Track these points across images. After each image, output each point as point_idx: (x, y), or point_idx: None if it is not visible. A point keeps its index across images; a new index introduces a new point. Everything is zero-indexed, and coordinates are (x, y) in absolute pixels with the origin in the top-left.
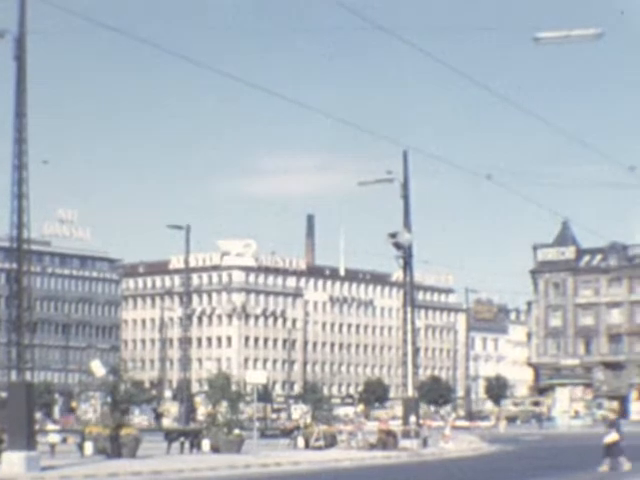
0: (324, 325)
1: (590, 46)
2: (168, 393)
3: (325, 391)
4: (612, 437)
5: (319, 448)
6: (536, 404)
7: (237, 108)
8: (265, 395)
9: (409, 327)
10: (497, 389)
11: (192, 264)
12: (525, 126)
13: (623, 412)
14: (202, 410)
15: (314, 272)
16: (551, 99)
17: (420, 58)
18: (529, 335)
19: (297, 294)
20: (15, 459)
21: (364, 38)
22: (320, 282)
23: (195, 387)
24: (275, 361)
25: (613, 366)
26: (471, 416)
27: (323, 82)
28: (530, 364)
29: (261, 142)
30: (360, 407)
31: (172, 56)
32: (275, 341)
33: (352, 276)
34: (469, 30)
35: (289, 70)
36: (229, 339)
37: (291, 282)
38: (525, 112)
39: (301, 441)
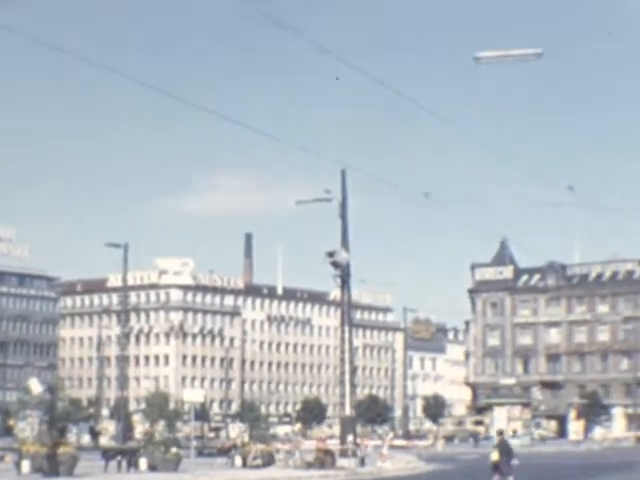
0: (262, 344)
1: (531, 66)
2: (105, 411)
3: (263, 410)
4: (494, 456)
5: (256, 467)
6: (478, 423)
7: (175, 126)
8: (202, 414)
9: (347, 346)
10: (435, 408)
11: (130, 282)
12: (464, 145)
13: (562, 431)
14: (140, 428)
15: (252, 291)
16: (491, 119)
17: (358, 77)
18: (467, 354)
19: (235, 313)
20: None
21: (302, 57)
22: (258, 301)
23: (133, 405)
24: (213, 380)
25: (551, 385)
26: (409, 435)
27: (262, 100)
28: (468, 383)
29: (199, 160)
30: (297, 426)
31: (108, 72)
32: (213, 360)
33: (290, 295)
34: (408, 50)
35: (228, 89)
36: (167, 357)
37: (229, 301)
38: (464, 132)
39: (238, 460)
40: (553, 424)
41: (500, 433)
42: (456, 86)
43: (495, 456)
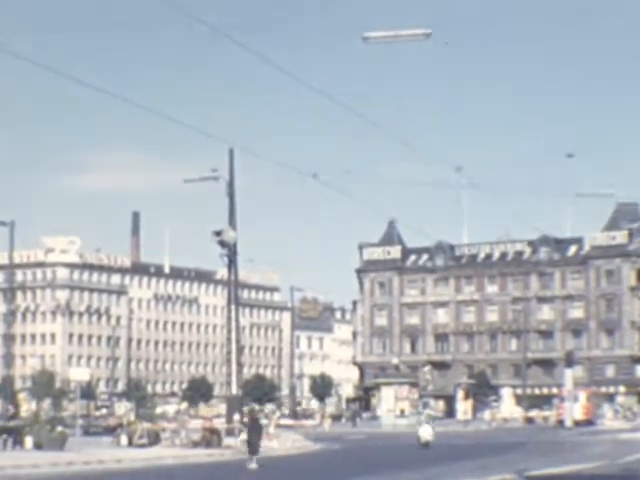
0: (149, 322)
1: (420, 46)
2: None
3: (149, 389)
4: (244, 436)
5: (142, 446)
6: (362, 402)
7: (62, 102)
8: (89, 392)
9: (233, 325)
10: (322, 388)
11: (16, 260)
12: (352, 125)
13: (450, 411)
14: (25, 407)
15: (139, 269)
16: (380, 99)
17: (246, 56)
18: (354, 334)
19: (122, 291)
20: None
21: (190, 34)
22: (145, 279)
23: (19, 384)
24: (99, 358)
25: (439, 365)
26: (296, 414)
27: (150, 78)
28: (355, 363)
29: (87, 138)
30: (184, 405)
31: None
32: (99, 338)
33: (177, 274)
34: (295, 28)
35: (115, 66)
36: (53, 336)
37: (116, 279)
38: (352, 111)
39: (124, 439)
40: (441, 404)
41: (251, 411)
42: (344, 65)
43: (245, 437)
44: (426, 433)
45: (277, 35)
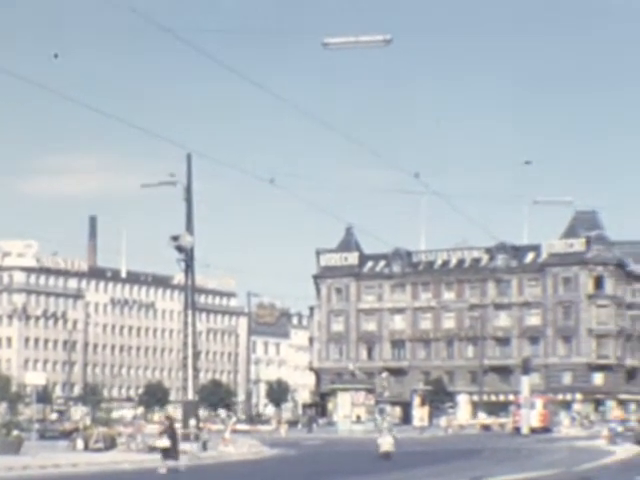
0: (105, 327)
1: (378, 52)
2: None
3: (105, 393)
4: (163, 443)
5: (98, 450)
6: (319, 407)
7: (19, 106)
8: (45, 396)
9: (190, 330)
10: (278, 393)
11: None
12: (310, 131)
13: (406, 418)
14: None
15: (96, 274)
16: (339, 105)
17: (204, 61)
18: (311, 340)
19: (78, 295)
20: None
21: (147, 38)
22: (102, 284)
23: None
24: (55, 362)
25: (396, 372)
26: (252, 420)
27: (105, 82)
28: (312, 369)
29: (45, 142)
30: (140, 409)
31: None
32: (56, 342)
33: (134, 278)
34: (254, 33)
35: (68, 68)
36: (9, 340)
37: (72, 283)
38: (311, 117)
39: (80, 443)
40: (397, 410)
41: (168, 417)
42: (304, 71)
43: (163, 443)
44: (386, 443)
45: (236, 40)
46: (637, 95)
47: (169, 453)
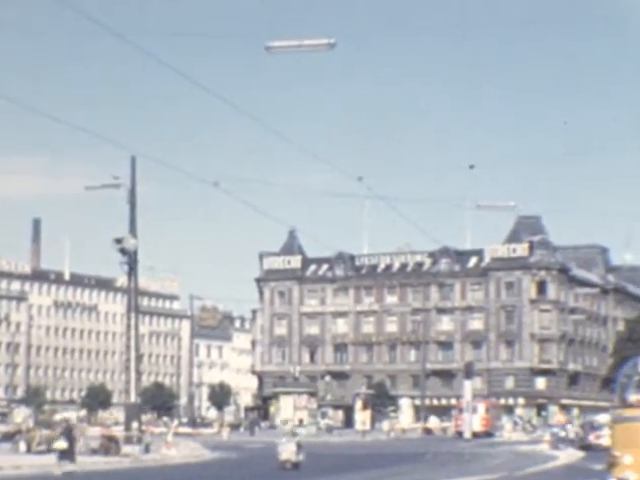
0: (48, 329)
1: (319, 56)
2: None
3: (48, 395)
4: (61, 444)
5: (41, 452)
6: (261, 411)
7: None
8: None
9: (132, 333)
10: (221, 396)
11: None
12: (255, 134)
13: (348, 421)
14: None
15: (39, 276)
16: (283, 108)
17: (149, 63)
18: (254, 343)
19: (21, 298)
20: None
21: (93, 40)
22: (45, 286)
23: None
24: None
25: (338, 375)
26: (194, 423)
27: (49, 84)
28: (254, 372)
29: None
30: (83, 412)
31: None
32: None
33: (77, 281)
34: (198, 35)
35: (10, 69)
36: None
37: (15, 286)
38: (255, 120)
39: (23, 445)
40: (340, 414)
41: (66, 420)
42: (248, 74)
43: (61, 444)
44: (287, 451)
45: (180, 41)
46: (579, 101)
47: (66, 455)
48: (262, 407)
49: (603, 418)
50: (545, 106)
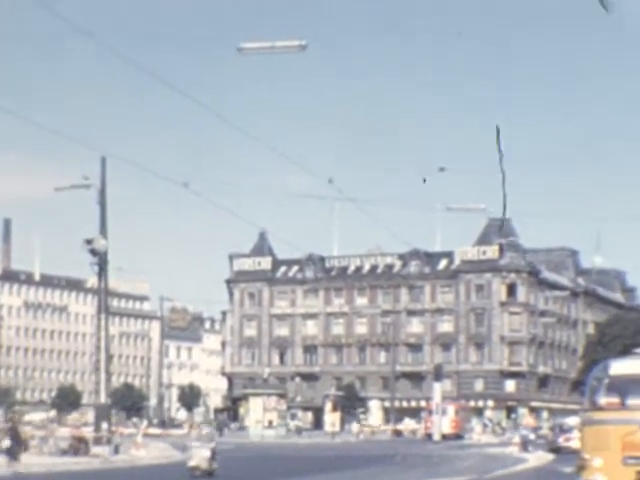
0: (18, 330)
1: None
2: None
3: (18, 396)
4: (5, 444)
5: None
6: (231, 412)
7: None
8: None
9: (102, 334)
10: (190, 397)
11: None
12: (225, 135)
13: (318, 423)
14: None
15: (9, 277)
16: (253, 110)
17: (119, 64)
18: (223, 344)
19: None
20: None
21: (63, 40)
22: (15, 287)
23: None
24: None
25: (308, 377)
26: (164, 424)
27: (19, 85)
28: (224, 373)
29: None
30: (53, 412)
31: None
32: None
33: (47, 281)
34: (169, 36)
35: None
36: None
37: None
38: (224, 121)
39: None
40: (309, 415)
41: (12, 420)
42: (220, 75)
43: (5, 444)
44: (197, 456)
45: (150, 43)
46: (549, 104)
47: (10, 454)
48: (231, 408)
49: (573, 421)
50: (515, 108)
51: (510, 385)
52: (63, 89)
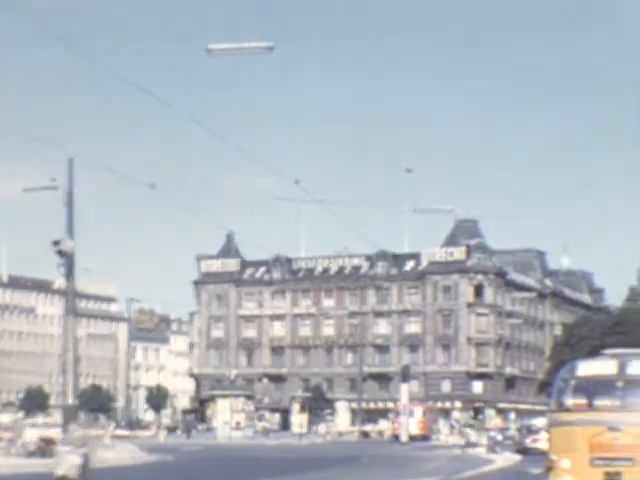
0: None
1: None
2: None
3: None
4: None
5: None
6: (198, 413)
7: None
8: None
9: (70, 335)
10: (158, 399)
11: None
12: (193, 136)
13: (285, 424)
14: None
15: None
16: (221, 110)
17: (86, 65)
18: (191, 346)
19: None
20: None
21: (31, 41)
22: None
23: None
24: None
25: (275, 378)
26: (131, 425)
27: None
28: (192, 374)
29: None
30: (20, 414)
31: None
32: None
33: (14, 283)
34: (138, 36)
35: None
36: None
37: None
38: (193, 122)
39: None
40: (277, 417)
41: None
42: (189, 76)
43: None
44: (65, 463)
45: (119, 42)
46: (523, 107)
47: None
48: (199, 410)
49: (540, 422)
50: (483, 110)
51: (477, 386)
52: (30, 90)
